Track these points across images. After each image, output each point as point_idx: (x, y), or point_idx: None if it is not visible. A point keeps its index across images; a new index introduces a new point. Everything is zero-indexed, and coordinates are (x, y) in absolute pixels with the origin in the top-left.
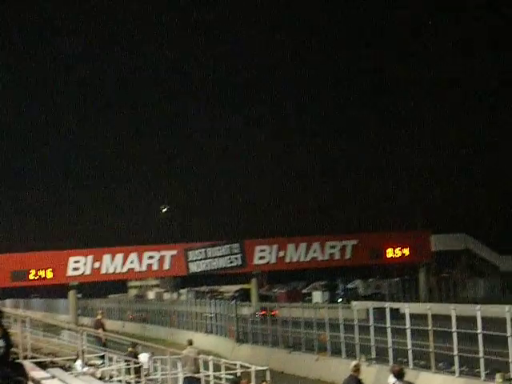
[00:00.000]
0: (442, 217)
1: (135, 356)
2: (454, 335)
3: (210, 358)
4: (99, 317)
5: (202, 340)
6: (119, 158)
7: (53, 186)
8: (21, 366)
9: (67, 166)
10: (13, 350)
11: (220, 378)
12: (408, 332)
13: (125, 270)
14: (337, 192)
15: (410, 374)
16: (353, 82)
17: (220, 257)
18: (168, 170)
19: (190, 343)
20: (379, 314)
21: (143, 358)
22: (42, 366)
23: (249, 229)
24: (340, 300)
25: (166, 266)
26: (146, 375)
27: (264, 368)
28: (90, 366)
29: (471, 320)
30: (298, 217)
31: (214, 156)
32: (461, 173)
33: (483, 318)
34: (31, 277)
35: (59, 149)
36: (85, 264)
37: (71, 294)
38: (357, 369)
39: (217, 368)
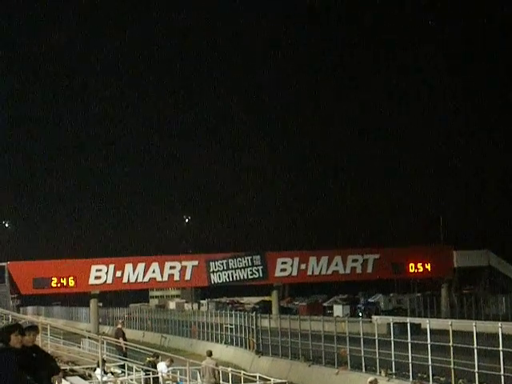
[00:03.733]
0: (465, 233)
1: (154, 366)
2: (475, 352)
3: (230, 369)
4: (119, 326)
5: (222, 351)
6: (142, 169)
7: (77, 197)
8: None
9: (91, 177)
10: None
11: None
12: (429, 348)
13: (146, 279)
14: (360, 206)
15: None
16: (367, 92)
17: (241, 268)
18: (190, 181)
19: (210, 354)
20: (400, 328)
21: (161, 367)
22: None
23: (271, 241)
24: (361, 314)
25: (188, 277)
26: None
27: (283, 381)
28: (110, 374)
29: (493, 337)
30: (320, 230)
31: (236, 168)
32: (484, 190)
33: (505, 335)
34: (53, 284)
35: (83, 160)
36: (107, 273)
37: (93, 302)
38: None
39: (236, 379)
